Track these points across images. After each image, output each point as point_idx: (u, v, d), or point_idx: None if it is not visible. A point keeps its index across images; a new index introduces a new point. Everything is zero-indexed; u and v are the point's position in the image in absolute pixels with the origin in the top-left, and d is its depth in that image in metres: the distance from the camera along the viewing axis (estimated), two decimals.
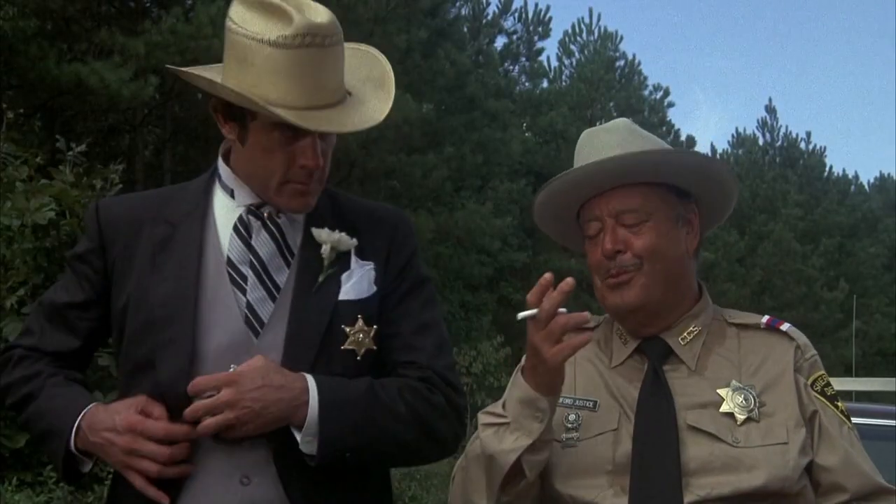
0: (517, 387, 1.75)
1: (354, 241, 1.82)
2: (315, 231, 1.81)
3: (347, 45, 1.81)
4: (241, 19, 1.70)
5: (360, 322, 1.78)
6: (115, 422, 1.68)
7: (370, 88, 1.83)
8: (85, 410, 1.73)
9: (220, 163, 1.86)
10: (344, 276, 1.80)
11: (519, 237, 23.15)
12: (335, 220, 1.84)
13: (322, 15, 1.70)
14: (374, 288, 1.81)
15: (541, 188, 1.94)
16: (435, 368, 1.81)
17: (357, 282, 1.80)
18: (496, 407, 1.80)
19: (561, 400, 1.82)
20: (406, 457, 1.90)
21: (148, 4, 15.44)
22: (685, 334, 1.85)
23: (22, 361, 1.85)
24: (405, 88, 16.44)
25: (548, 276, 1.68)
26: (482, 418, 1.81)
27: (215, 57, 1.87)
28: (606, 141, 1.86)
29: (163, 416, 1.69)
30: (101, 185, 8.14)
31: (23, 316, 7.58)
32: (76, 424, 1.72)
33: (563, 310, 1.67)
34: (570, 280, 1.66)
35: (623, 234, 1.82)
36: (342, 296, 1.78)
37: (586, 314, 1.75)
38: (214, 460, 1.70)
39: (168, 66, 1.88)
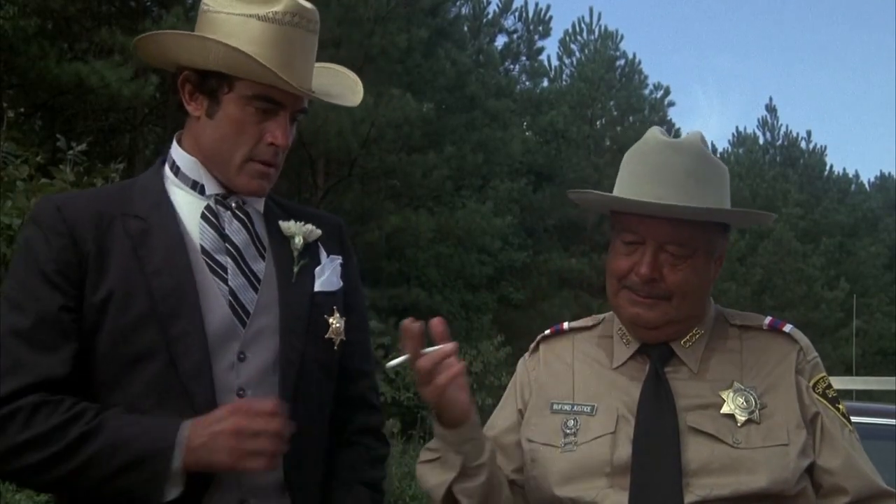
0: (435, 424, 1.78)
1: (319, 231, 1.88)
2: (283, 224, 1.85)
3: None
4: (217, 3, 1.76)
5: (336, 313, 1.84)
6: (218, 413, 1.64)
7: (339, 89, 1.91)
8: (186, 423, 1.63)
9: (179, 153, 1.84)
10: (317, 270, 1.86)
11: (519, 236, 23.16)
12: (286, 215, 1.89)
13: (307, 2, 1.77)
14: (341, 283, 1.89)
15: (586, 192, 1.89)
16: (377, 404, 2.00)
17: (330, 275, 1.87)
18: (433, 442, 1.82)
19: (560, 406, 1.86)
20: None
21: (148, 3, 15.45)
22: (687, 337, 1.85)
23: (41, 410, 1.62)
24: (405, 88, 16.45)
25: (406, 323, 1.65)
26: (421, 455, 1.86)
27: None
28: (673, 162, 1.79)
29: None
30: (101, 184, 8.15)
31: None
32: (183, 437, 1.62)
33: (427, 350, 1.67)
34: (434, 321, 1.67)
35: (662, 262, 1.79)
36: (317, 287, 1.84)
37: (448, 347, 1.68)
38: (224, 480, 1.70)
39: (139, 37, 1.83)
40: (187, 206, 1.80)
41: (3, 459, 1.63)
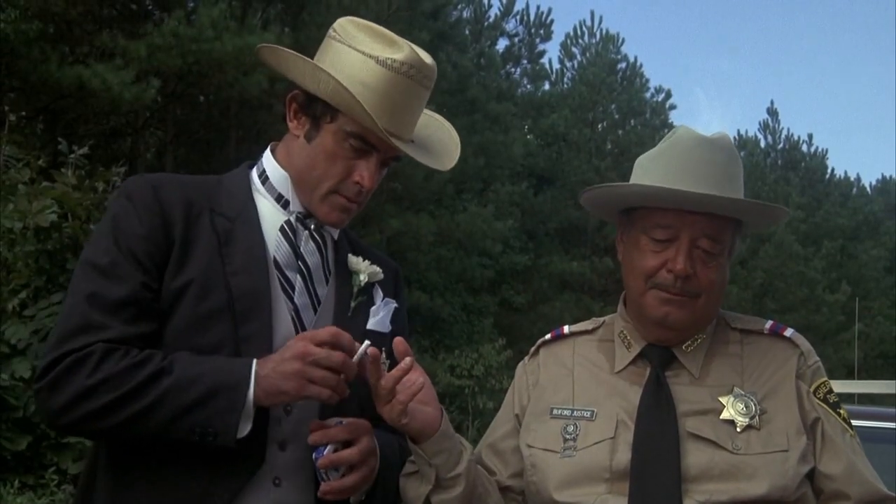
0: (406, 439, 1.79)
1: (382, 275, 1.93)
2: (352, 258, 1.90)
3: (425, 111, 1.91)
4: (346, 34, 1.79)
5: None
6: (283, 349, 1.67)
7: (437, 144, 1.94)
8: (253, 360, 1.66)
9: (272, 164, 1.87)
10: (373, 309, 1.90)
11: (520, 240, 23.15)
12: (352, 250, 1.94)
13: (429, 57, 1.81)
14: (391, 326, 1.91)
15: (627, 185, 1.83)
16: None
17: (383, 317, 1.91)
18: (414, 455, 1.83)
19: (560, 412, 1.85)
20: None
21: (150, 7, 15.47)
22: (689, 341, 1.85)
23: (112, 354, 1.64)
24: None
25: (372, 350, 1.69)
26: (404, 468, 1.86)
27: (217, 60, 1.88)
28: (712, 161, 1.79)
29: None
30: (102, 188, 8.17)
31: (24, 318, 7.60)
32: (254, 370, 1.64)
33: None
34: (373, 351, 1.68)
35: (696, 258, 1.78)
36: (370, 325, 1.88)
37: (405, 362, 1.69)
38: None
39: (263, 45, 1.88)
40: (269, 217, 1.83)
41: (74, 402, 1.63)
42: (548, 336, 2.01)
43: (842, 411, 1.81)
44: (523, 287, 23.39)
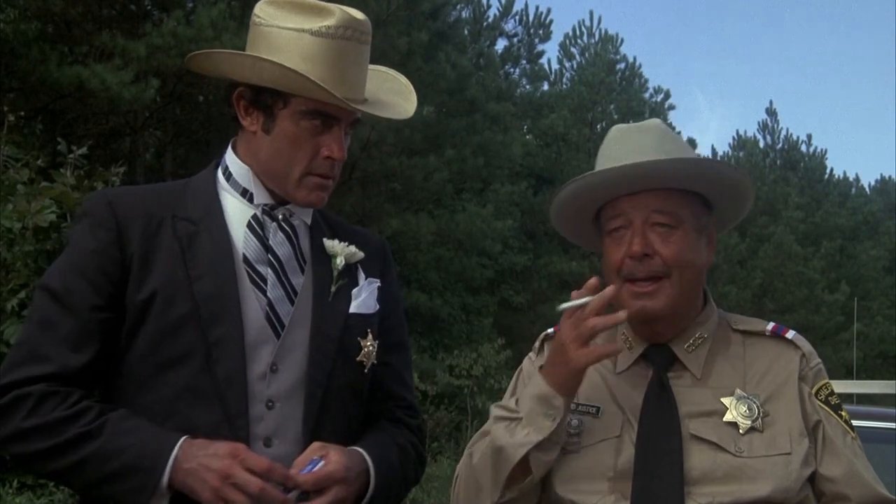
0: (533, 384, 1.75)
1: (362, 255, 1.88)
2: (328, 242, 1.86)
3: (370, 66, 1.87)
4: (270, 16, 1.75)
5: (370, 336, 1.83)
6: (217, 447, 1.63)
7: (391, 96, 1.90)
8: (181, 441, 1.64)
9: (233, 159, 1.85)
10: (354, 291, 1.86)
11: (520, 240, 23.13)
12: (331, 232, 1.89)
13: (360, 14, 1.78)
14: (378, 306, 1.88)
15: (565, 184, 1.89)
16: (418, 410, 1.99)
17: (366, 297, 1.86)
18: (509, 402, 1.80)
19: None
20: None
21: (149, 7, 15.45)
22: (691, 342, 1.84)
23: (48, 399, 1.65)
24: None
25: (594, 280, 1.70)
26: (495, 411, 1.82)
27: None
28: (641, 142, 1.82)
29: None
30: (102, 188, 8.16)
31: (23, 318, 7.59)
32: (173, 457, 1.63)
33: (580, 301, 1.72)
34: (611, 287, 1.70)
35: (653, 237, 1.79)
36: (353, 309, 1.84)
37: (623, 314, 1.71)
38: None
39: (194, 54, 1.85)
40: (236, 213, 1.82)
41: (10, 441, 1.68)
42: (550, 330, 2.00)
43: (843, 413, 1.81)
44: (522, 287, 23.37)
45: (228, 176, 1.85)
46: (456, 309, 20.62)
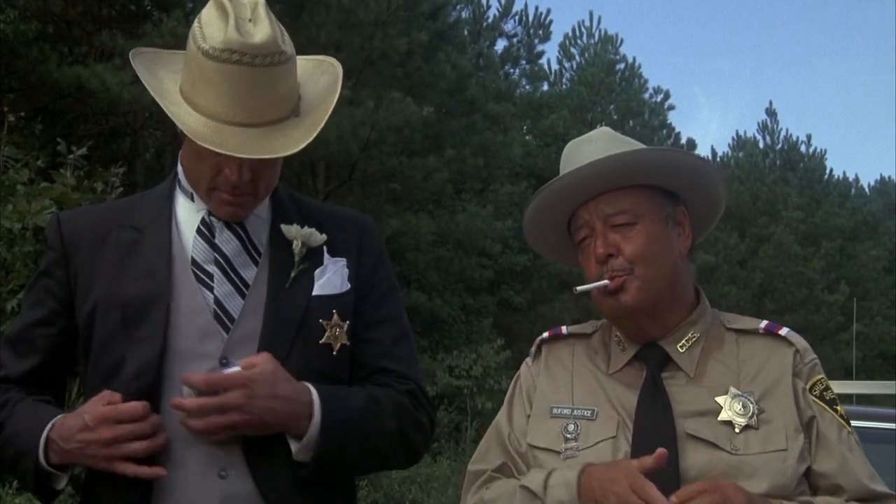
0: (569, 486, 1.69)
1: (324, 237, 1.84)
2: (284, 227, 1.82)
3: (313, 57, 1.84)
4: (205, 17, 1.72)
5: (336, 317, 1.79)
6: (86, 420, 1.65)
7: (319, 97, 1.81)
8: (52, 422, 1.71)
9: (180, 166, 1.86)
10: (317, 272, 1.81)
11: (520, 240, 23.10)
12: (301, 219, 1.85)
13: (261, 34, 1.64)
14: (349, 285, 1.83)
15: (526, 205, 1.92)
16: (417, 382, 1.86)
17: (331, 277, 1.82)
18: (534, 479, 1.76)
19: (559, 410, 1.85)
20: (381, 468, 1.99)
21: (149, 7, 15.45)
22: (683, 341, 1.84)
23: None
24: (406, 91, 16.44)
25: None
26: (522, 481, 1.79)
27: None
28: (588, 151, 1.85)
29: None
30: (101, 189, 8.14)
31: None
32: (44, 438, 1.69)
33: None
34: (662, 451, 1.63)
35: (613, 238, 1.81)
36: (316, 290, 1.80)
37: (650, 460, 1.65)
38: (193, 453, 1.70)
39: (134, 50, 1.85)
40: (188, 217, 1.82)
41: None
42: (546, 335, 2.01)
43: (839, 408, 1.81)
44: (522, 287, 23.37)
45: (179, 181, 1.86)
46: (456, 309, 20.61)
